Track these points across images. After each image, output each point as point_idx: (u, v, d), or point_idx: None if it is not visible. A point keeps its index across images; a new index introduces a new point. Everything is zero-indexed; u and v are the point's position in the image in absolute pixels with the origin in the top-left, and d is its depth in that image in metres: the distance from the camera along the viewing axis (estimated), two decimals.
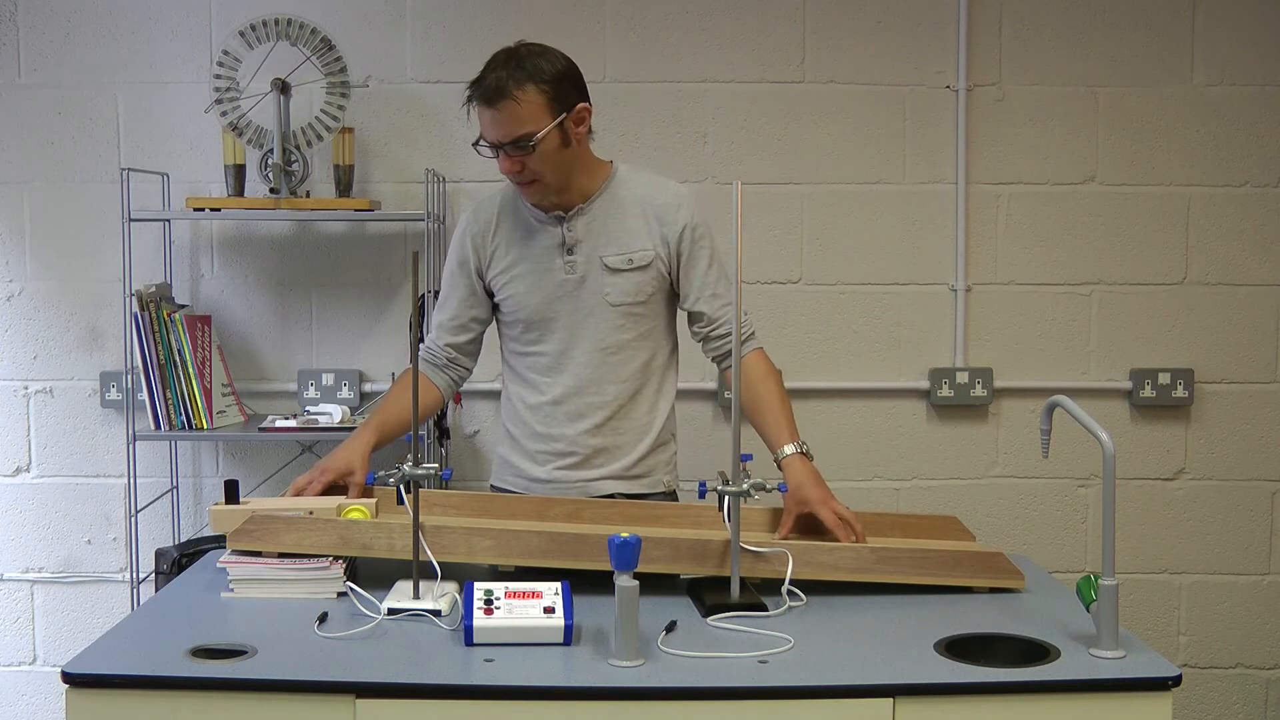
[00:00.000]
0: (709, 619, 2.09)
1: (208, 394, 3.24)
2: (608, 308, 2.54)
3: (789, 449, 2.47)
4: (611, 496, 2.57)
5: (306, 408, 3.37)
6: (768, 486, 2.19)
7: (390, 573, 2.22)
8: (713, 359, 2.65)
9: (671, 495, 2.66)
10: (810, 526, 2.41)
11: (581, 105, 2.47)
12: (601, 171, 2.57)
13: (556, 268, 2.54)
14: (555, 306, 2.55)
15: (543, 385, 2.59)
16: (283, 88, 3.21)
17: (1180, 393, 3.54)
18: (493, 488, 2.74)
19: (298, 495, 2.39)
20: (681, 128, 3.49)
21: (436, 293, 3.33)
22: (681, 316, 2.65)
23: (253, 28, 3.19)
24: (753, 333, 2.63)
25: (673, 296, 2.62)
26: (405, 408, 2.54)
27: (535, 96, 2.40)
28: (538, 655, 1.92)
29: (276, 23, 3.19)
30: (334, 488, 2.44)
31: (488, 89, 2.40)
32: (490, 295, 2.64)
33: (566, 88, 2.44)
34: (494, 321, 2.70)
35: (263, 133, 3.22)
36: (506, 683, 1.83)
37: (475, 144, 2.48)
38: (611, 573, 1.90)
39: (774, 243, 3.50)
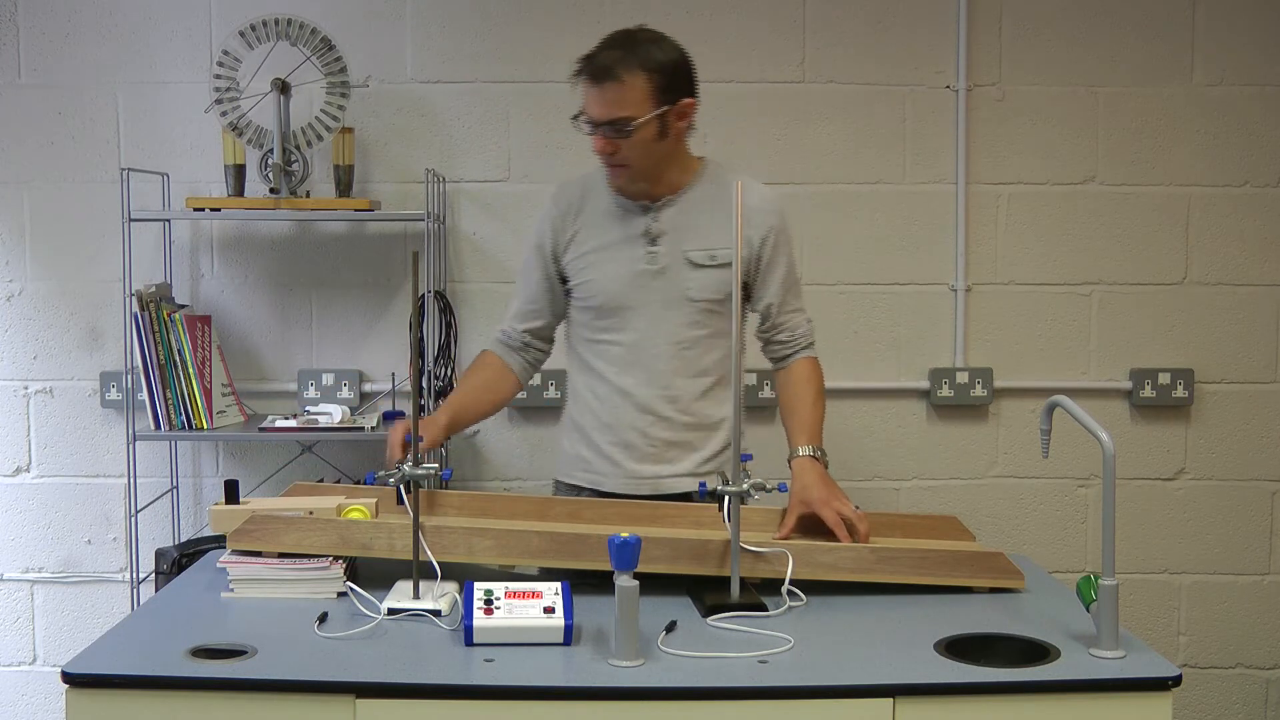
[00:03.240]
0: (709, 619, 2.09)
1: (208, 394, 3.24)
2: (687, 303, 2.52)
3: (802, 450, 2.47)
4: (686, 495, 2.52)
5: (306, 408, 3.37)
6: (768, 486, 2.19)
7: (390, 573, 2.22)
8: (770, 360, 2.66)
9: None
10: (815, 528, 2.40)
11: (687, 100, 2.46)
12: (693, 166, 2.57)
13: (638, 256, 2.52)
14: (632, 295, 2.53)
15: (613, 376, 2.57)
16: (283, 88, 3.21)
17: (1180, 393, 3.54)
18: (557, 483, 2.70)
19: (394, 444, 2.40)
20: None
21: (438, 293, 3.35)
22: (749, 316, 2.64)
23: (253, 28, 3.19)
24: (811, 342, 2.63)
25: (746, 297, 2.59)
26: (478, 391, 2.59)
27: (642, 83, 2.39)
28: (538, 655, 1.92)
29: (276, 23, 3.19)
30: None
31: (597, 66, 2.39)
32: (564, 281, 2.61)
33: (676, 80, 2.44)
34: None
35: (263, 133, 3.22)
36: (506, 683, 1.83)
37: (575, 116, 2.45)
38: (611, 573, 1.91)
39: None
